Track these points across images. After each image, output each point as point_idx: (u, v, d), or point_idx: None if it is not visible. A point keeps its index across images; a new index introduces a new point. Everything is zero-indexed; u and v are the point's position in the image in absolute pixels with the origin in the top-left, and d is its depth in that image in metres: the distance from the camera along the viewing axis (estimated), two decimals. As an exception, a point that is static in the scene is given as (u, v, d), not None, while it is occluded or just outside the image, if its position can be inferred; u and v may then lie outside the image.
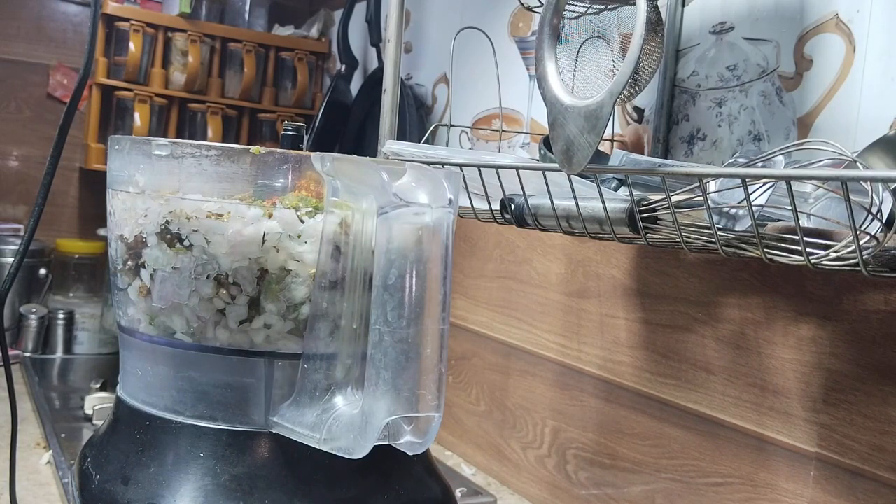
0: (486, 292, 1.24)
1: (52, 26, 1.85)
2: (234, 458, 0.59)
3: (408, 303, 0.53)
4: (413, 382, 0.54)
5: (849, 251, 0.47)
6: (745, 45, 0.90)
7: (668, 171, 0.56)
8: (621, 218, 0.60)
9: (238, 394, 0.60)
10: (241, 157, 0.59)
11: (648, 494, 0.94)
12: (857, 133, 0.78)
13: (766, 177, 0.50)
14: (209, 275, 0.58)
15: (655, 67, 0.56)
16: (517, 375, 1.17)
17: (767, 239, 0.52)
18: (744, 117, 0.90)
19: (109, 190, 0.65)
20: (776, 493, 0.80)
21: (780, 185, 0.56)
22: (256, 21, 1.89)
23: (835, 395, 0.76)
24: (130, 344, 0.64)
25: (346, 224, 0.59)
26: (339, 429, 0.57)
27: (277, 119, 1.85)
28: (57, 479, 1.05)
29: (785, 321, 0.80)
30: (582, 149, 0.57)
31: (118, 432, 0.64)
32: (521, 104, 1.24)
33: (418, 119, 1.47)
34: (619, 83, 0.55)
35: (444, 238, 0.55)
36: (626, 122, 1.05)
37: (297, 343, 0.59)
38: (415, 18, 1.55)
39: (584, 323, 1.05)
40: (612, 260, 1.01)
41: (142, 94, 1.71)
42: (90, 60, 0.74)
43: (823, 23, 0.82)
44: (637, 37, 0.53)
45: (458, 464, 1.25)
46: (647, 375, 0.96)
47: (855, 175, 0.44)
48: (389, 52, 0.90)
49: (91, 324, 1.71)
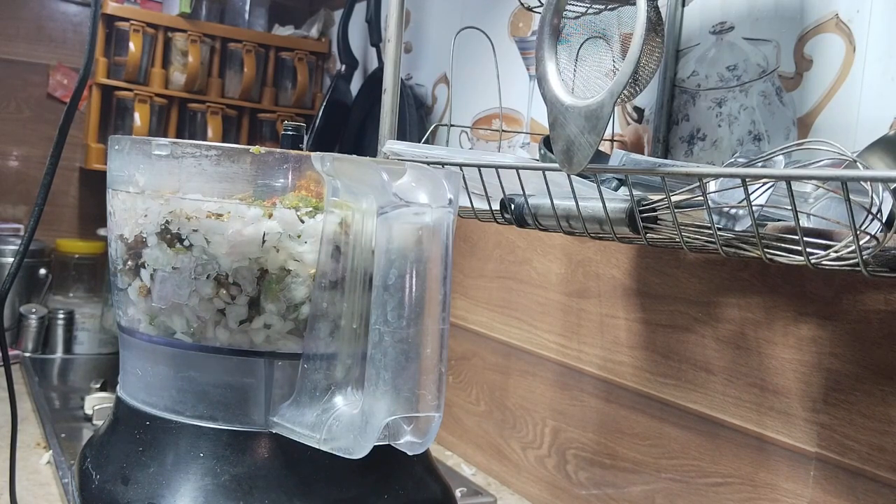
0: (486, 292, 1.24)
1: (52, 26, 1.85)
2: (234, 458, 0.59)
3: (408, 303, 0.53)
4: (413, 382, 0.54)
5: (849, 251, 0.47)
6: (745, 45, 0.90)
7: (669, 171, 0.56)
8: (621, 218, 0.60)
9: (238, 394, 0.60)
10: (242, 157, 0.59)
11: (648, 494, 0.94)
12: (857, 133, 0.78)
13: (766, 177, 0.50)
14: (209, 275, 0.58)
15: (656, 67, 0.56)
16: (517, 375, 1.17)
17: (767, 239, 0.52)
18: (744, 117, 0.90)
19: (109, 190, 0.65)
20: (776, 493, 0.80)
21: (779, 185, 0.56)
22: (256, 21, 1.89)
23: (835, 395, 0.76)
24: (130, 344, 0.64)
25: (346, 224, 0.59)
26: (339, 429, 0.57)
27: (277, 119, 1.85)
28: (57, 479, 1.05)
29: (785, 321, 0.80)
30: (582, 149, 0.57)
31: (118, 432, 0.64)
32: (521, 104, 1.24)
33: (418, 119, 1.47)
34: (620, 83, 0.55)
35: (444, 238, 0.55)
36: (626, 122, 1.05)
37: (297, 343, 0.59)
38: (415, 18, 1.55)
39: (583, 323, 1.05)
40: (611, 260, 1.01)
41: (142, 94, 1.71)
42: (90, 60, 0.74)
43: (823, 23, 0.82)
44: (637, 36, 0.53)
45: (458, 464, 1.25)
46: (647, 375, 0.96)
47: (855, 175, 0.44)
48: (389, 51, 0.90)
49: (91, 324, 1.71)
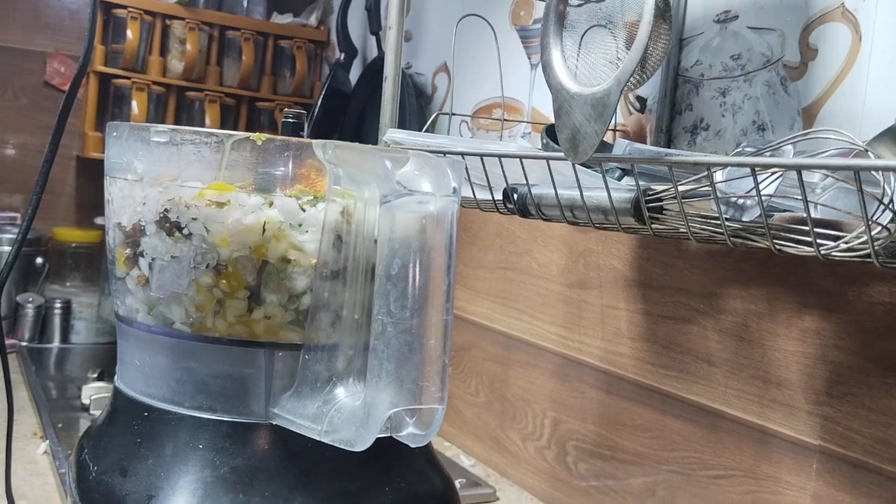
0: (487, 283, 1.23)
1: (49, 13, 1.84)
2: (233, 450, 0.58)
3: (411, 293, 0.53)
4: (416, 374, 0.53)
5: (860, 242, 0.46)
6: (749, 35, 0.89)
7: (676, 160, 0.55)
8: (626, 208, 0.59)
9: (238, 385, 0.59)
10: (242, 144, 0.58)
11: (649, 486, 0.94)
12: (863, 123, 0.77)
13: (776, 166, 0.49)
14: (209, 264, 0.58)
15: (663, 54, 0.55)
16: (517, 366, 1.16)
17: (776, 229, 0.52)
18: (748, 107, 0.89)
19: (107, 177, 0.64)
20: (779, 485, 0.80)
21: (787, 176, 0.55)
22: (255, 9, 1.88)
23: (838, 388, 0.75)
24: (128, 334, 0.63)
25: (349, 213, 0.58)
26: (340, 420, 0.56)
27: (276, 108, 1.83)
28: (54, 469, 1.05)
29: (788, 313, 0.80)
30: (588, 137, 0.56)
31: (116, 423, 0.63)
32: (523, 93, 1.23)
33: (418, 108, 1.46)
34: (627, 70, 0.54)
35: (449, 227, 0.55)
36: (628, 112, 1.05)
37: (298, 334, 0.59)
38: (415, 6, 1.53)
39: (584, 314, 1.05)
40: (613, 251, 1.01)
41: (139, 82, 1.70)
42: (90, 48, 0.73)
43: (829, 12, 0.81)
44: (645, 22, 0.52)
45: (458, 455, 1.25)
46: (648, 367, 0.95)
47: (869, 164, 0.44)
48: (390, 39, 0.89)
49: (88, 313, 1.71)
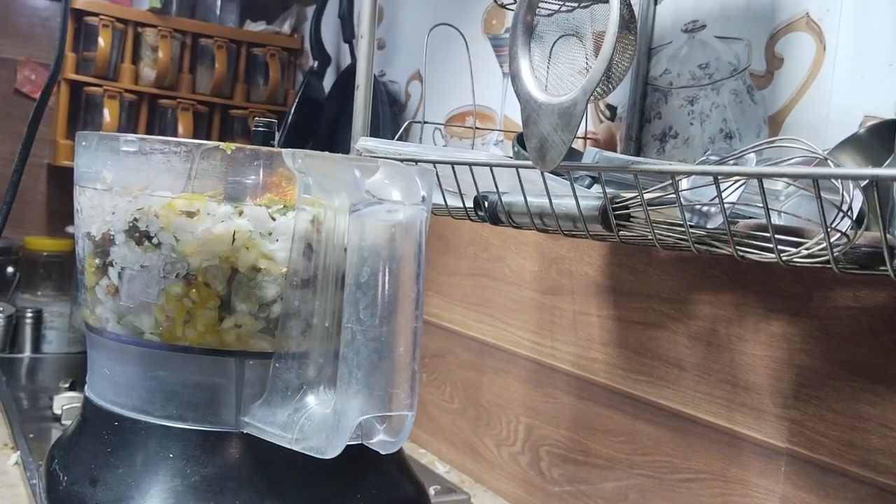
0: (460, 290, 1.24)
1: (20, 21, 1.82)
2: (204, 459, 0.58)
3: (381, 301, 0.53)
4: (386, 381, 0.53)
5: (820, 248, 0.47)
6: (716, 44, 0.91)
7: (641, 169, 0.56)
8: (594, 215, 0.60)
9: (208, 393, 0.59)
10: (212, 153, 0.58)
11: (621, 490, 0.95)
12: (828, 131, 0.79)
13: (738, 174, 0.50)
14: (178, 273, 0.58)
15: (629, 65, 0.56)
16: (491, 373, 1.17)
17: (739, 236, 0.53)
18: (715, 115, 0.90)
19: (77, 187, 0.64)
20: (748, 488, 0.81)
21: (751, 183, 0.56)
22: (228, 16, 1.87)
23: (805, 392, 0.77)
24: (98, 343, 0.63)
25: (318, 221, 0.58)
26: (311, 428, 0.56)
27: (249, 115, 1.83)
28: (25, 481, 1.03)
29: (756, 318, 0.81)
30: (556, 146, 0.57)
31: (86, 433, 0.63)
32: (495, 101, 1.24)
33: (391, 116, 1.47)
34: (593, 81, 0.54)
35: (418, 235, 0.55)
36: (598, 120, 1.06)
37: (269, 342, 0.59)
38: (388, 15, 1.54)
39: (557, 320, 1.05)
40: (584, 257, 1.02)
41: (111, 90, 1.69)
42: (61, 56, 0.73)
43: (794, 21, 0.82)
44: (610, 34, 0.53)
45: (432, 461, 1.25)
46: (619, 372, 0.96)
47: (826, 173, 0.45)
48: (362, 48, 0.90)
49: (60, 322, 1.69)
